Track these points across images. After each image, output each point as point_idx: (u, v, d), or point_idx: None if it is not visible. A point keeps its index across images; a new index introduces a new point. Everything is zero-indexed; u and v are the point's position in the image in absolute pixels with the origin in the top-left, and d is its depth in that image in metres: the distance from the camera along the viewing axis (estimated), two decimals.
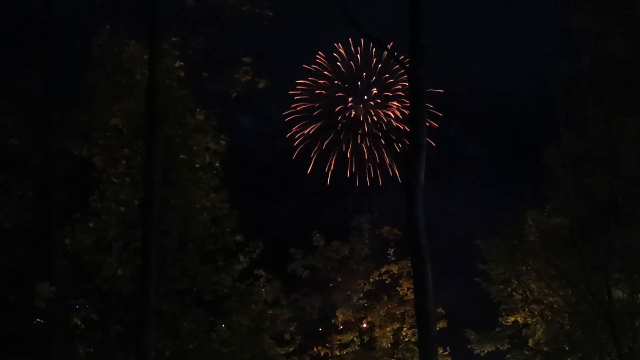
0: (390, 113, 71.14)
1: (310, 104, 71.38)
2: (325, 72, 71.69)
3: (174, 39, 16.75)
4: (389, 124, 70.41)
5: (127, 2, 16.82)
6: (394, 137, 14.45)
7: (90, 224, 16.29)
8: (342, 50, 71.92)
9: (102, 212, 16.62)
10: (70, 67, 18.14)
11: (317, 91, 71.52)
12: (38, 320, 16.96)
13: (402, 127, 67.81)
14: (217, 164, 18.13)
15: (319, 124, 70.50)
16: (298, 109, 71.55)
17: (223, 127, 18.27)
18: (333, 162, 70.78)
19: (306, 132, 70.72)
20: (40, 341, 16.36)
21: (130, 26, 17.09)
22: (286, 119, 71.80)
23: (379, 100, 71.77)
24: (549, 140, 23.34)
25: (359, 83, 72.39)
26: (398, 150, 14.16)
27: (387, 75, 71.75)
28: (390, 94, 71.49)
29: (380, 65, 71.96)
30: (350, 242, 28.99)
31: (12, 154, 17.04)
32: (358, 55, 72.59)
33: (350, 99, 72.46)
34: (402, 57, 16.18)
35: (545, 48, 23.08)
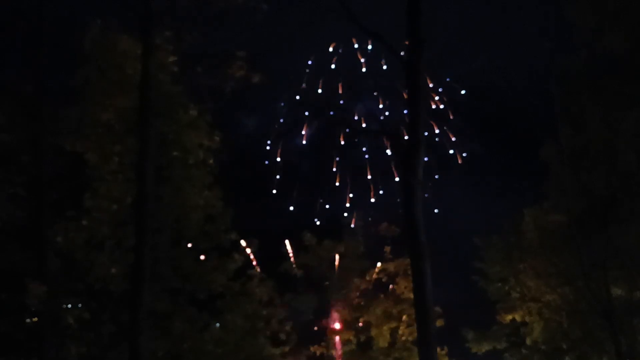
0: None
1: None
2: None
3: (167, 33, 16.46)
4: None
5: None
6: (395, 134, 14.23)
7: (84, 222, 16.01)
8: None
9: (94, 210, 16.34)
10: (62, 62, 17.86)
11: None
12: (29, 319, 16.68)
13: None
14: (211, 161, 17.85)
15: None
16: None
17: (221, 125, 18.03)
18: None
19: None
20: (32, 341, 16.11)
21: (122, 20, 16.81)
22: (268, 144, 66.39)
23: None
24: (547, 136, 23.18)
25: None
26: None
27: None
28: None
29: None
30: (344, 240, 28.79)
31: (3, 150, 16.75)
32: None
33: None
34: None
35: (543, 43, 22.91)
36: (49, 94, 17.01)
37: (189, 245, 17.42)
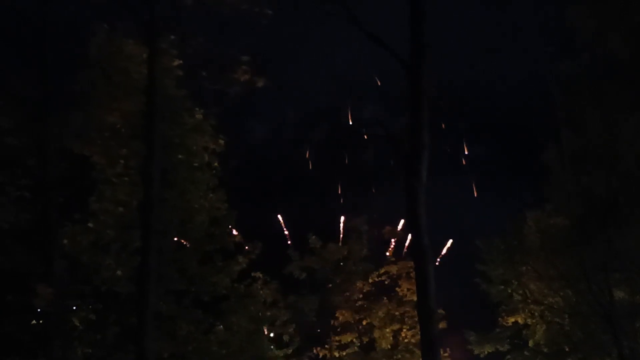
0: None
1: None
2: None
3: (172, 37, 16.62)
4: None
5: (125, 0, 16.65)
6: (398, 136, 14.27)
7: (89, 225, 16.15)
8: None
9: (100, 213, 16.48)
10: (68, 66, 18.01)
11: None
12: (36, 321, 16.83)
13: None
14: (215, 164, 18.02)
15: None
16: None
17: (231, 130, 18.17)
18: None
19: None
20: (38, 342, 16.24)
21: (128, 25, 16.94)
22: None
23: None
24: (548, 139, 23.26)
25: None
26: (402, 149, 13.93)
27: None
28: None
29: None
30: (348, 243, 28.89)
31: (9, 154, 16.88)
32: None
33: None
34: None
35: (544, 47, 23.02)
36: (55, 97, 17.14)
37: (194, 247, 17.58)
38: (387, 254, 29.31)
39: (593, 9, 20.21)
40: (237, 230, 18.55)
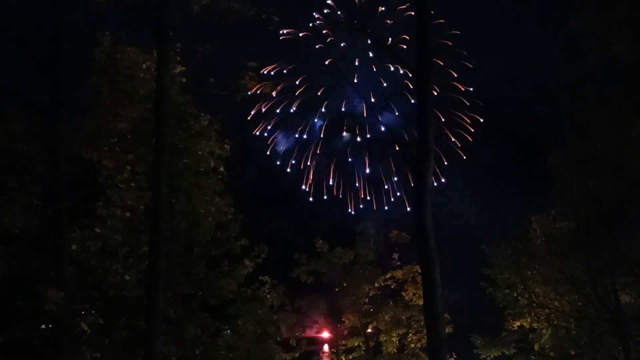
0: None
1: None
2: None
3: (178, 44, 16.76)
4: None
5: (133, 9, 16.78)
6: (405, 142, 14.36)
7: (97, 230, 16.26)
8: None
9: (107, 218, 16.59)
10: (78, 73, 18.14)
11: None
12: (45, 325, 16.93)
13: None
14: (221, 169, 18.12)
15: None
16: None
17: (248, 138, 18.27)
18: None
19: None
20: (47, 347, 16.34)
21: (135, 33, 17.09)
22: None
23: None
24: (554, 144, 23.30)
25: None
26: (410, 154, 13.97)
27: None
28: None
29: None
30: (356, 247, 28.99)
31: (19, 160, 17.00)
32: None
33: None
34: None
35: (550, 51, 23.06)
36: (65, 104, 17.26)
37: (201, 251, 17.69)
38: (394, 258, 29.43)
39: (598, 13, 20.27)
40: (244, 234, 18.63)
